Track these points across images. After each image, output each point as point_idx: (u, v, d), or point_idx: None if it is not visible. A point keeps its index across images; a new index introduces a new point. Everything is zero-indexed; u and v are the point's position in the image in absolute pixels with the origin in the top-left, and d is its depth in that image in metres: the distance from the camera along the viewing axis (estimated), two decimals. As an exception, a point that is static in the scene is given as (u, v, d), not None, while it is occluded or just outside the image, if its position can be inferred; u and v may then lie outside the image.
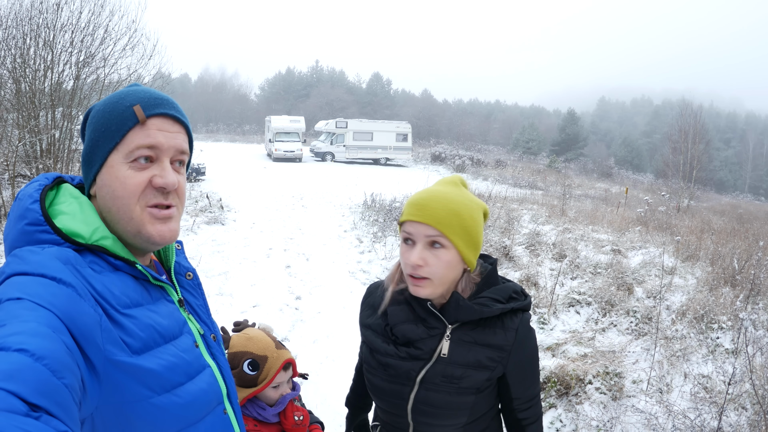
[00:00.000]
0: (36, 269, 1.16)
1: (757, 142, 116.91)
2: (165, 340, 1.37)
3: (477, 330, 1.94)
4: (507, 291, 1.99)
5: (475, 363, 1.91)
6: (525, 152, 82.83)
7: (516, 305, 1.97)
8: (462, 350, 1.92)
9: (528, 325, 2.00)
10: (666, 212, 22.20)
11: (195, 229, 13.51)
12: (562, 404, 5.95)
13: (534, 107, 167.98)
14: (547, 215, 19.03)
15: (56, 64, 12.30)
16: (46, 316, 1.04)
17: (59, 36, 12.24)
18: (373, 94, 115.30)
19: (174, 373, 1.34)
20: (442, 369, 1.92)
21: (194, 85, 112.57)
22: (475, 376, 1.91)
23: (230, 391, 1.62)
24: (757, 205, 58.09)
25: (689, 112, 38.05)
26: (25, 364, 0.90)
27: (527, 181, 40.21)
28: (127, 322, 1.27)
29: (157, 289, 1.47)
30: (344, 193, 23.59)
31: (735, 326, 7.57)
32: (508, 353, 1.93)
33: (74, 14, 12.33)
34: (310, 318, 8.33)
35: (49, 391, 0.90)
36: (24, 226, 1.27)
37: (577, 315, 8.73)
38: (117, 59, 13.28)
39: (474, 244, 1.93)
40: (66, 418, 0.91)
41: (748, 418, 5.30)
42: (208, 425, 1.45)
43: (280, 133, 44.57)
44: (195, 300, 1.64)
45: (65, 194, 1.37)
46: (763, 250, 10.92)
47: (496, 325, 1.95)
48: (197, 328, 1.57)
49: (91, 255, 1.31)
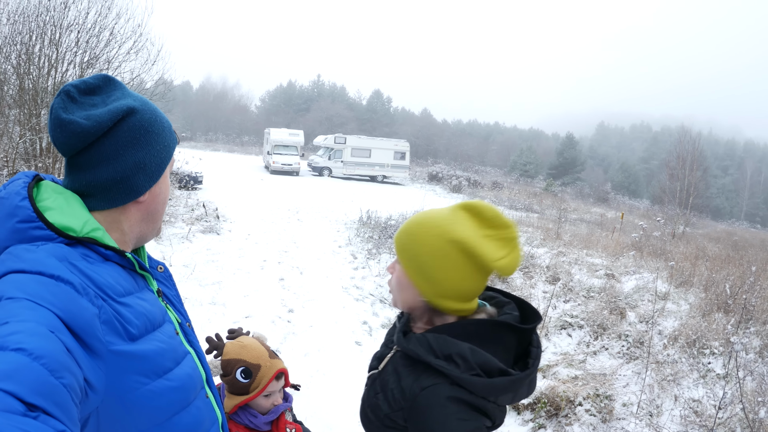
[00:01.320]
0: (33, 267, 1.16)
1: (755, 170, 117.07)
2: (154, 327, 1.41)
3: (405, 363, 1.77)
4: (450, 347, 1.64)
5: (386, 390, 1.78)
6: (522, 175, 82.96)
7: (437, 365, 1.62)
8: (389, 372, 1.83)
9: (440, 399, 1.60)
10: (661, 238, 22.21)
11: (190, 237, 13.46)
12: (551, 425, 5.95)
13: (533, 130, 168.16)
14: (541, 238, 19.01)
15: (60, 63, 12.31)
16: (45, 316, 1.05)
17: (65, 35, 12.25)
18: (372, 111, 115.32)
19: (164, 358, 1.38)
20: (375, 379, 1.91)
21: (195, 93, 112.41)
22: (381, 403, 1.77)
23: (208, 376, 1.67)
24: (753, 232, 58.20)
25: (687, 139, 38.03)
26: (22, 364, 0.90)
27: (523, 203, 40.18)
28: (124, 310, 1.30)
29: (140, 279, 1.52)
30: (340, 209, 23.53)
31: (726, 351, 7.59)
32: (407, 406, 1.66)
33: (81, 14, 12.35)
34: (302, 331, 8.31)
35: (47, 390, 0.90)
36: (15, 223, 1.27)
37: (569, 338, 8.73)
38: (121, 62, 13.27)
39: (423, 274, 1.74)
40: (64, 417, 0.91)
41: (738, 443, 5.31)
42: (196, 409, 1.49)
43: (279, 146, 44.41)
44: (169, 291, 1.69)
45: (47, 190, 1.38)
46: (755, 275, 10.92)
47: (417, 371, 1.70)
48: (175, 316, 1.61)
49: (82, 247, 1.33)
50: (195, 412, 1.48)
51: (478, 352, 1.64)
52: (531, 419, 6.10)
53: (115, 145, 1.40)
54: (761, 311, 9.44)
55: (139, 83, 14.05)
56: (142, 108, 1.46)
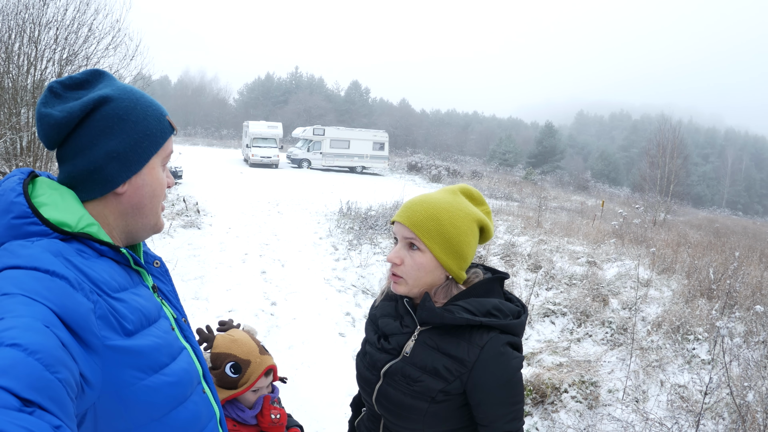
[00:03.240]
0: (28, 263, 1.16)
1: (736, 158, 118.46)
2: (149, 323, 1.40)
3: (444, 337, 1.90)
4: (485, 305, 1.89)
5: (432, 369, 1.88)
6: (501, 164, 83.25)
7: (488, 321, 1.85)
8: (423, 353, 1.92)
9: (500, 347, 1.84)
10: (642, 225, 22.35)
11: (171, 232, 13.40)
12: (537, 412, 5.95)
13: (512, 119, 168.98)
14: (522, 226, 19.10)
15: (40, 60, 12.20)
16: (40, 311, 1.04)
17: (44, 32, 12.12)
18: (351, 102, 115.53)
19: (160, 353, 1.37)
20: (402, 367, 1.94)
21: (174, 87, 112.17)
22: (430, 383, 1.88)
23: (205, 372, 1.66)
24: (735, 219, 58.90)
25: (668, 127, 38.24)
26: (17, 359, 0.89)
27: (503, 192, 40.38)
28: (119, 305, 1.29)
29: (135, 274, 1.51)
30: (320, 201, 23.55)
31: (711, 337, 7.63)
32: (468, 370, 1.84)
33: (60, 11, 12.20)
34: (285, 324, 8.29)
35: (43, 386, 0.89)
36: (10, 219, 1.27)
37: (552, 325, 8.76)
38: (99, 58, 13.13)
39: (454, 252, 1.94)
40: (60, 412, 0.90)
41: (726, 427, 5.33)
42: (193, 404, 1.48)
43: (258, 139, 44.47)
44: (165, 286, 1.69)
45: (42, 186, 1.38)
46: (739, 261, 11.00)
47: (464, 337, 1.87)
48: (170, 312, 1.61)
49: (77, 243, 1.33)
50: (192, 407, 1.47)
51: (503, 302, 1.95)
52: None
53: (89, 135, 1.41)
54: (744, 297, 9.50)
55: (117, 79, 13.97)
56: (118, 96, 1.44)
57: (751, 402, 5.15)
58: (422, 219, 1.92)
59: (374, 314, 2.21)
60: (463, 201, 2.04)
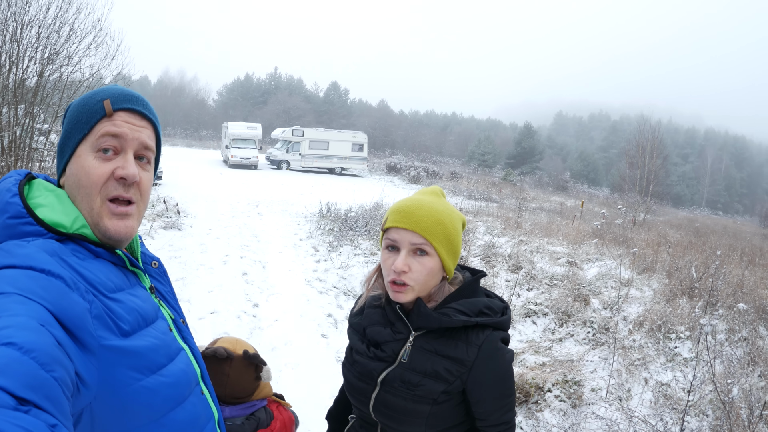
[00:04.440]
0: (24, 262, 1.17)
1: (716, 158, 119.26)
2: (146, 323, 1.40)
3: (440, 340, 1.93)
4: (477, 305, 1.95)
5: (433, 373, 1.90)
6: (480, 165, 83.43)
7: (483, 321, 1.91)
8: (421, 358, 1.93)
9: (496, 344, 1.91)
10: (622, 225, 22.47)
11: (152, 233, 13.35)
12: (522, 412, 5.98)
13: (491, 120, 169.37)
14: (502, 227, 19.18)
15: (21, 59, 12.13)
16: (36, 310, 1.04)
17: (26, 31, 12.07)
18: (330, 103, 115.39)
19: (158, 354, 1.37)
20: (401, 374, 1.94)
21: (153, 87, 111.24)
22: (431, 386, 1.89)
23: (203, 373, 1.66)
24: (715, 219, 59.44)
25: (647, 128, 38.50)
26: (12, 358, 0.89)
27: (482, 193, 40.44)
28: (115, 306, 1.29)
29: (132, 275, 1.51)
30: (300, 202, 23.54)
31: (693, 335, 7.69)
32: (468, 369, 1.88)
33: (42, 10, 12.15)
34: (267, 326, 8.28)
35: (38, 384, 0.90)
36: (5, 219, 1.29)
37: (534, 325, 8.80)
38: (81, 58, 13.05)
39: (454, 252, 1.99)
40: (56, 411, 0.90)
41: (710, 424, 5.37)
42: (191, 405, 1.48)
43: (237, 140, 44.37)
44: (163, 287, 1.69)
45: (39, 188, 1.40)
46: (720, 259, 11.08)
47: (460, 338, 1.91)
48: (168, 313, 1.60)
49: (72, 244, 1.34)
50: (190, 408, 1.47)
51: (491, 300, 2.02)
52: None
53: None
54: (726, 295, 9.58)
55: (98, 79, 13.90)
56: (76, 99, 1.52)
57: (735, 398, 5.20)
58: (430, 224, 1.93)
59: (358, 323, 2.19)
60: (446, 202, 2.09)
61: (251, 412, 2.45)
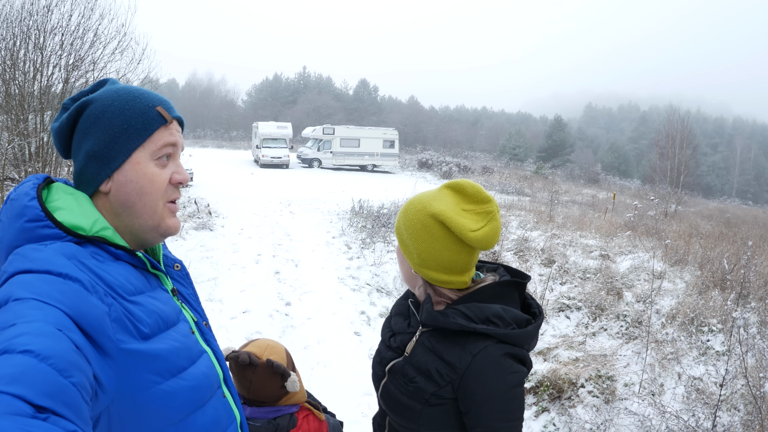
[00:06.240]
0: (41, 266, 1.16)
1: (745, 147, 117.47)
2: (167, 326, 1.40)
3: (442, 340, 1.89)
4: (485, 311, 1.82)
5: (426, 371, 1.88)
6: (512, 159, 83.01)
7: (482, 329, 1.78)
8: (421, 354, 1.93)
9: (495, 358, 1.78)
10: (654, 217, 22.25)
11: (183, 234, 13.44)
12: (554, 408, 5.94)
13: (521, 114, 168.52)
14: (534, 221, 19.01)
15: (46, 66, 12.25)
16: (53, 315, 1.04)
17: (49, 39, 12.18)
18: (359, 100, 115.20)
19: (178, 357, 1.37)
20: (403, 366, 1.97)
21: (182, 90, 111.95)
22: (423, 385, 1.88)
23: (226, 376, 1.67)
24: (745, 209, 58.47)
25: (676, 118, 38.06)
26: (29, 366, 0.89)
27: (514, 187, 40.08)
28: (135, 309, 1.30)
29: (153, 278, 1.51)
30: (332, 200, 23.49)
31: (726, 328, 7.60)
32: (459, 376, 1.80)
33: (64, 17, 12.27)
34: (300, 324, 8.30)
35: (56, 391, 0.90)
36: (23, 223, 1.28)
37: (567, 320, 8.73)
38: (106, 63, 13.17)
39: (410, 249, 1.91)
40: (75, 417, 0.90)
41: (741, 419, 5.31)
42: (212, 408, 1.48)
43: (267, 140, 44.43)
44: (185, 290, 1.70)
45: (58, 191, 1.40)
46: (752, 251, 10.94)
47: (459, 342, 1.84)
48: (191, 315, 1.61)
49: (92, 246, 1.34)
50: (211, 411, 1.47)
51: (507, 309, 1.86)
52: (534, 403, 6.10)
53: (77, 140, 1.46)
54: (757, 287, 9.46)
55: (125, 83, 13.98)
56: (99, 97, 1.46)
57: (767, 392, 5.14)
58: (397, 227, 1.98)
59: (392, 311, 2.23)
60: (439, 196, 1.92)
61: (274, 416, 2.42)
